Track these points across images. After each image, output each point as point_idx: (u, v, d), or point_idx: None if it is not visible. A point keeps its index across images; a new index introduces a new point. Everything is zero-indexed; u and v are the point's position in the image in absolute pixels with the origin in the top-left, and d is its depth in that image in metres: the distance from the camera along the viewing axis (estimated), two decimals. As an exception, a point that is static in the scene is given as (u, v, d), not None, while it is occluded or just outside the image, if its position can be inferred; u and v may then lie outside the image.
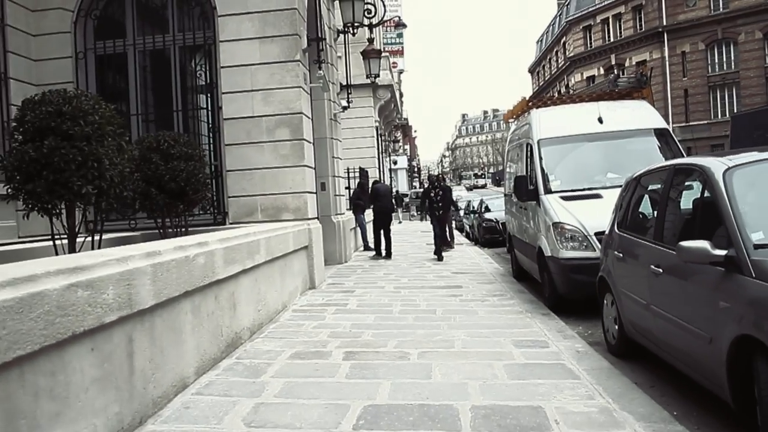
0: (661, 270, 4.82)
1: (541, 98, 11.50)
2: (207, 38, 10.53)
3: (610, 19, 52.61)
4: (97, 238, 6.89)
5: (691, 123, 46.21)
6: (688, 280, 4.42)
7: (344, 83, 15.86)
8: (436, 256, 14.68)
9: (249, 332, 6.79)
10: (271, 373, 5.41)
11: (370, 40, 15.21)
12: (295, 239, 9.24)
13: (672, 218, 5.05)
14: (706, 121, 45.06)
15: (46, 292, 3.16)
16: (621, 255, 5.89)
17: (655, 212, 5.41)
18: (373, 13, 13.83)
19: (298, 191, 10.32)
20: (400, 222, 34.18)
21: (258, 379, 5.20)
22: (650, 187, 5.78)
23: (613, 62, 52.06)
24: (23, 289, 3.02)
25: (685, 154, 9.04)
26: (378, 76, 16.83)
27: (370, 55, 15.95)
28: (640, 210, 5.95)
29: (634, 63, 49.89)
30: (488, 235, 19.52)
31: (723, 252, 3.90)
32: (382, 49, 27.49)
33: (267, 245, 7.54)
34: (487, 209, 20.84)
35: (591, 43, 55.33)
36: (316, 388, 4.94)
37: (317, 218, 11.41)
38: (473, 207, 23.98)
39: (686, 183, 4.99)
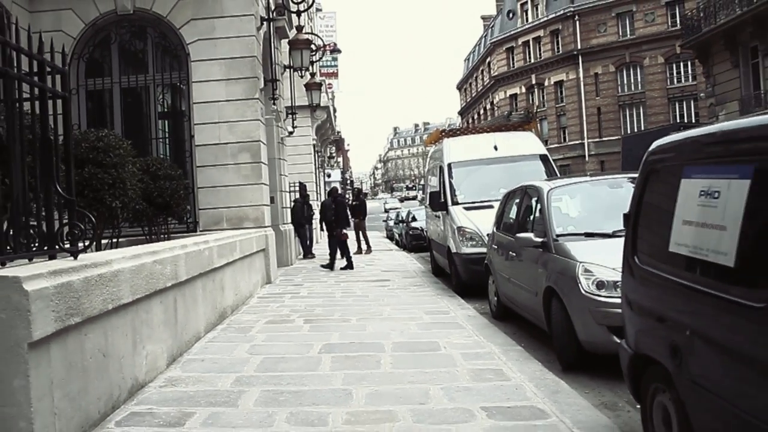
0: (514, 254, 7.47)
1: (452, 130, 14.18)
2: (182, 79, 12.77)
3: (531, 42, 56.38)
4: (115, 240, 9.08)
5: (603, 138, 50.23)
6: (525, 258, 7.07)
7: (288, 105, 18.20)
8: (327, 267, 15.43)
9: (231, 309, 9.14)
10: (256, 330, 7.82)
11: (312, 75, 17.67)
12: (257, 242, 11.58)
13: (522, 220, 7.71)
14: (617, 137, 48.86)
15: (146, 264, 5.51)
16: (496, 247, 8.55)
17: (514, 217, 8.08)
18: (315, 51, 16.30)
19: (257, 204, 12.64)
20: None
21: (248, 334, 7.60)
22: (514, 200, 8.44)
23: (534, 81, 55.84)
24: (137, 261, 5.37)
25: (558, 173, 11.84)
26: (319, 104, 19.34)
27: (312, 87, 18.49)
28: (509, 216, 8.59)
29: (552, 82, 53.81)
30: (414, 242, 22.16)
31: (540, 239, 6.56)
32: (319, 72, 29.89)
33: (240, 245, 9.90)
34: (414, 219, 23.52)
35: (513, 64, 59.03)
36: (289, 337, 7.38)
37: (271, 226, 13.75)
38: (402, 217, 26.62)
39: (531, 198, 7.64)
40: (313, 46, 15.94)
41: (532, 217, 7.41)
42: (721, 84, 23.64)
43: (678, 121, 43.81)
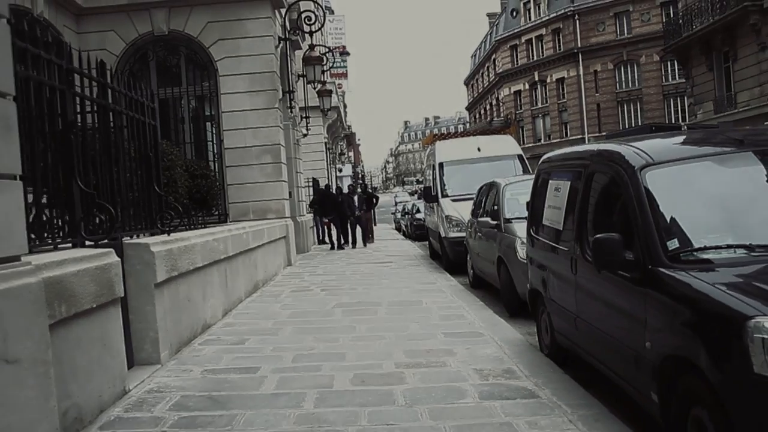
0: (481, 235, 9.72)
1: (442, 134, 16.44)
2: (212, 91, 15.01)
3: (533, 40, 58.31)
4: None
5: (603, 133, 52.02)
6: (487, 237, 9.31)
7: (302, 105, 20.46)
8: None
9: (262, 283, 11.42)
10: (284, 296, 10.10)
11: (323, 83, 19.90)
12: (279, 230, 13.86)
13: (490, 208, 9.93)
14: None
15: (209, 241, 7.78)
16: (471, 230, 10.79)
17: (482, 205, 10.32)
18: (325, 61, 18.52)
19: (278, 198, 14.90)
20: None
21: (278, 298, 9.90)
22: (485, 193, 10.65)
23: (537, 78, 57.80)
24: (203, 239, 7.63)
25: (531, 171, 14.02)
26: (330, 109, 21.65)
27: (324, 94, 20.80)
28: (480, 205, 10.80)
29: (554, 79, 55.75)
30: (418, 231, 24.36)
31: (495, 222, 8.79)
32: (329, 74, 32.07)
33: (268, 232, 12.18)
34: (418, 211, 25.73)
35: (517, 61, 60.98)
36: (309, 299, 9.65)
37: (290, 217, 16.01)
38: (407, 209, 28.86)
39: (494, 190, 9.85)
40: (324, 58, 18.12)
41: (495, 206, 9.63)
42: (699, 85, 25.66)
43: (672, 118, 45.86)
